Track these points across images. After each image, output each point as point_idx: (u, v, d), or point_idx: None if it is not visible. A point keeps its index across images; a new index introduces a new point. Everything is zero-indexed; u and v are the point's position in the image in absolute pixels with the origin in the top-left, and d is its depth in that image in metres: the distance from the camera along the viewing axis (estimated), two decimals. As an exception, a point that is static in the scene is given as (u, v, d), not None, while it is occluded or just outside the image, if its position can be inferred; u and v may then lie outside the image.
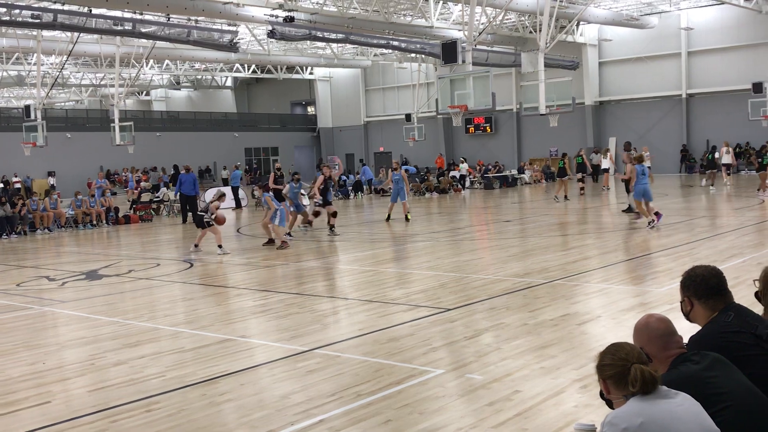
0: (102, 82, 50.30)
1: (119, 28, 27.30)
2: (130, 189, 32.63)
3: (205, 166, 49.94)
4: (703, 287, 3.71)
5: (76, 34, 29.50)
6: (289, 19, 28.01)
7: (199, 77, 56.01)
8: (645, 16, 39.00)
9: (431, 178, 36.65)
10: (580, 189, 28.15)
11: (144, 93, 63.24)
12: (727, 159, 28.95)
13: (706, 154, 39.50)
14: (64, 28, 26.64)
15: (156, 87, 59.75)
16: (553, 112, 27.27)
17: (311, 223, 19.97)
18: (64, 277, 13.52)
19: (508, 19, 36.35)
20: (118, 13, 27.48)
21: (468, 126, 47.75)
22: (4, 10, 24.13)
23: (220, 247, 15.66)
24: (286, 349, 7.58)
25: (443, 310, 9.08)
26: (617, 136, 41.82)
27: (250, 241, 18.58)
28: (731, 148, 29.49)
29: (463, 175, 37.25)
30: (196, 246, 16.17)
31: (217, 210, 16.09)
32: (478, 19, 27.23)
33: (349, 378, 6.44)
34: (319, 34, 30.87)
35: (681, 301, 3.83)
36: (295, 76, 52.17)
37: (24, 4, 25.00)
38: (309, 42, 39.47)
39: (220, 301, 10.91)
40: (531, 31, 36.06)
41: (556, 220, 20.41)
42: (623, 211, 20.10)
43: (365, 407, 5.68)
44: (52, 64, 37.26)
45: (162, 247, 18.80)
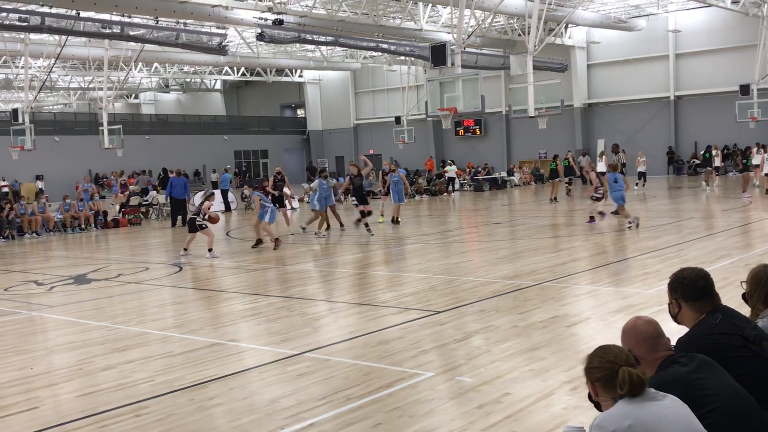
0: (90, 86, 50.14)
1: (107, 31, 27.17)
2: (115, 193, 32.45)
3: (195, 169, 49.80)
4: (691, 289, 3.73)
5: (64, 37, 29.34)
6: (278, 22, 28.00)
7: (188, 80, 55.82)
8: (633, 18, 39.16)
9: (420, 181, 36.64)
10: (567, 191, 28.25)
11: (133, 96, 62.98)
12: (716, 161, 29.21)
13: (693, 155, 39.85)
14: (51, 31, 26.52)
15: (145, 90, 59.49)
16: (542, 114, 27.32)
17: (359, 221, 19.25)
18: (53, 282, 13.44)
19: (497, 21, 36.46)
20: (106, 16, 27.33)
21: (457, 128, 47.85)
22: (-9, 13, 24.00)
23: (210, 251, 15.62)
24: (275, 353, 7.56)
25: (433, 312, 9.09)
26: (606, 138, 42.03)
27: (240, 244, 18.54)
28: (719, 150, 29.67)
29: (452, 178, 37.21)
30: (185, 250, 16.13)
31: (209, 210, 16.06)
32: (467, 22, 27.32)
33: (339, 381, 6.44)
34: (308, 37, 30.89)
35: (669, 303, 3.84)
36: (284, 79, 52.10)
37: (11, 6, 24.84)
38: (298, 45, 39.42)
39: (209, 304, 10.88)
40: (520, 34, 36.19)
41: (545, 222, 20.47)
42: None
43: (355, 411, 5.69)
44: (40, 68, 37.10)
45: (151, 250, 18.73)
